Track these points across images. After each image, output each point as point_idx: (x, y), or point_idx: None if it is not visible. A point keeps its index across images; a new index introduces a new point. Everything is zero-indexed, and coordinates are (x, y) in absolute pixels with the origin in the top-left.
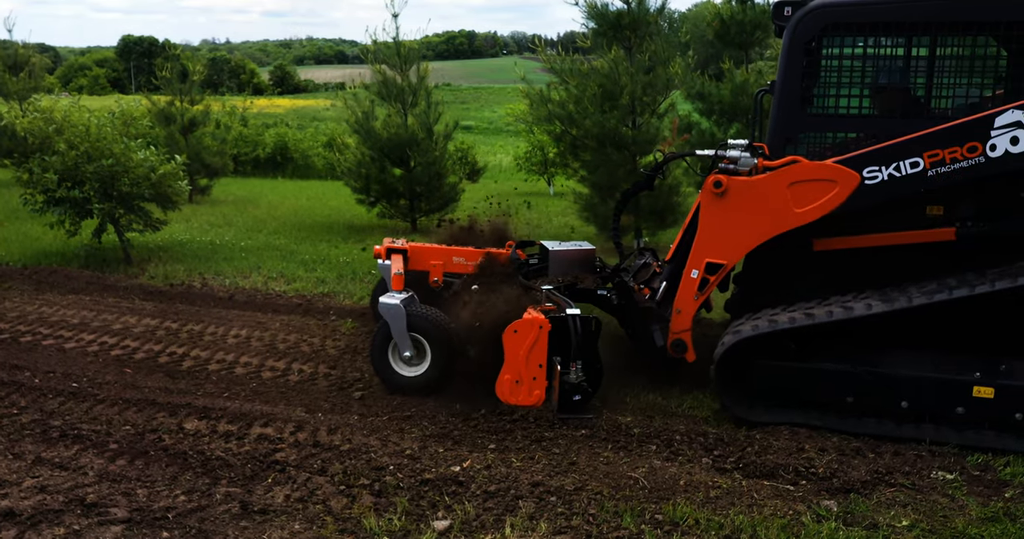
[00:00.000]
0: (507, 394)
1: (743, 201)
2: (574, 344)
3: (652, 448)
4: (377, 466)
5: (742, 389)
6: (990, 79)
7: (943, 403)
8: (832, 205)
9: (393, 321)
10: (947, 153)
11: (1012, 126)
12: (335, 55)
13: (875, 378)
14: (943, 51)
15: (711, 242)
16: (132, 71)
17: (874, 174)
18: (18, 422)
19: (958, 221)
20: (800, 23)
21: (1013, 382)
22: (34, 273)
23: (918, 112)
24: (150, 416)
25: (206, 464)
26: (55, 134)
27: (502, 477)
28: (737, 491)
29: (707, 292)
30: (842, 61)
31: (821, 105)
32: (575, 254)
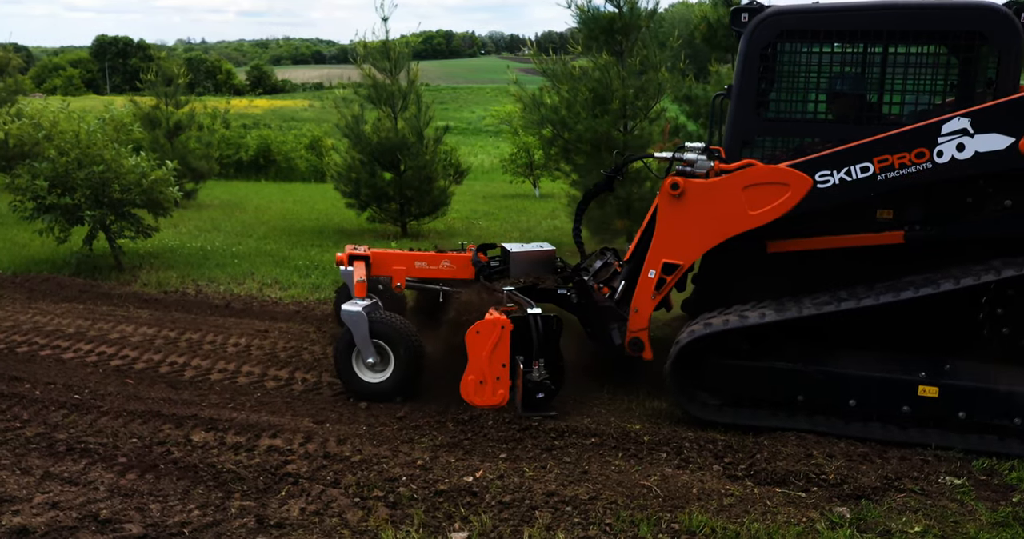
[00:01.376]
0: (471, 395)
1: (699, 203)
2: (536, 343)
3: (662, 456)
4: (390, 477)
5: (696, 387)
6: (942, 87)
7: (889, 402)
8: (785, 208)
9: (356, 328)
10: (896, 158)
11: (958, 133)
12: (312, 55)
13: (825, 377)
14: (895, 59)
15: (668, 243)
16: (107, 71)
17: (826, 178)
18: (22, 436)
19: (907, 225)
20: (756, 29)
21: (957, 382)
22: (25, 281)
23: (872, 118)
24: (156, 428)
25: (217, 477)
26: (44, 140)
27: (516, 487)
28: (750, 499)
29: (664, 292)
30: (796, 67)
31: (776, 110)
32: (535, 255)
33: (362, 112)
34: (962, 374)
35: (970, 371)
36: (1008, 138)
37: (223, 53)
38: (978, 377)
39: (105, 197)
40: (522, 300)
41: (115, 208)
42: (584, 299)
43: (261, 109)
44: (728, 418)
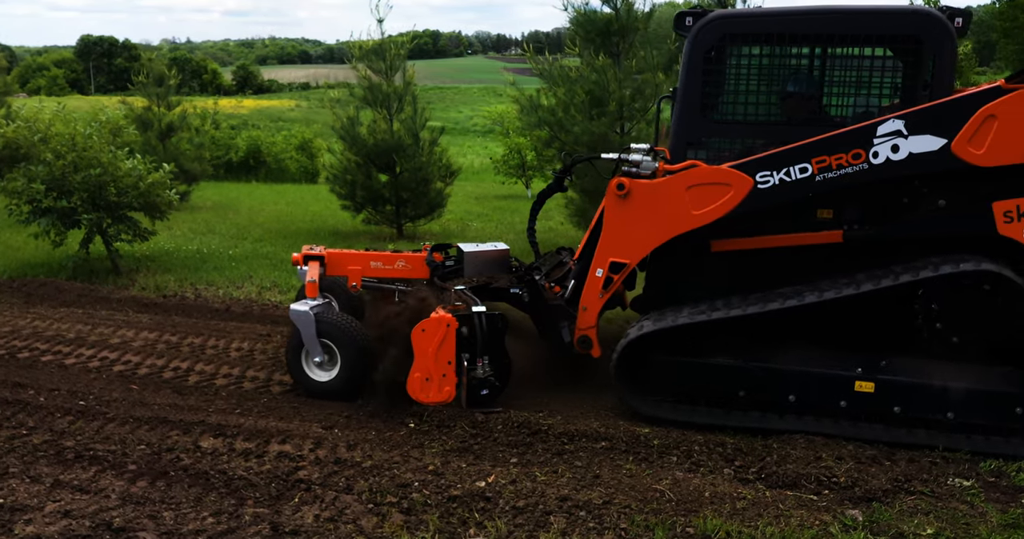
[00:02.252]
0: (418, 391)
1: (644, 203)
2: (480, 340)
3: (673, 459)
4: (402, 483)
5: (643, 384)
6: (888, 89)
7: (827, 397)
8: (727, 208)
9: (303, 327)
10: (833, 159)
11: (893, 135)
12: (298, 55)
13: (765, 373)
14: (841, 61)
15: (615, 242)
16: (91, 71)
17: (766, 178)
18: (29, 443)
19: (845, 224)
20: (700, 33)
21: (892, 377)
22: (22, 285)
23: (815, 120)
24: (164, 435)
25: (229, 484)
26: (40, 143)
27: (528, 492)
28: (762, 502)
29: (611, 290)
30: (739, 70)
31: (720, 112)
32: (489, 255)
33: (357, 114)
34: (897, 370)
35: (905, 367)
36: (941, 140)
37: (208, 53)
38: (913, 373)
39: (102, 200)
40: (468, 298)
41: (112, 211)
42: (535, 298)
43: (248, 109)
44: (675, 415)
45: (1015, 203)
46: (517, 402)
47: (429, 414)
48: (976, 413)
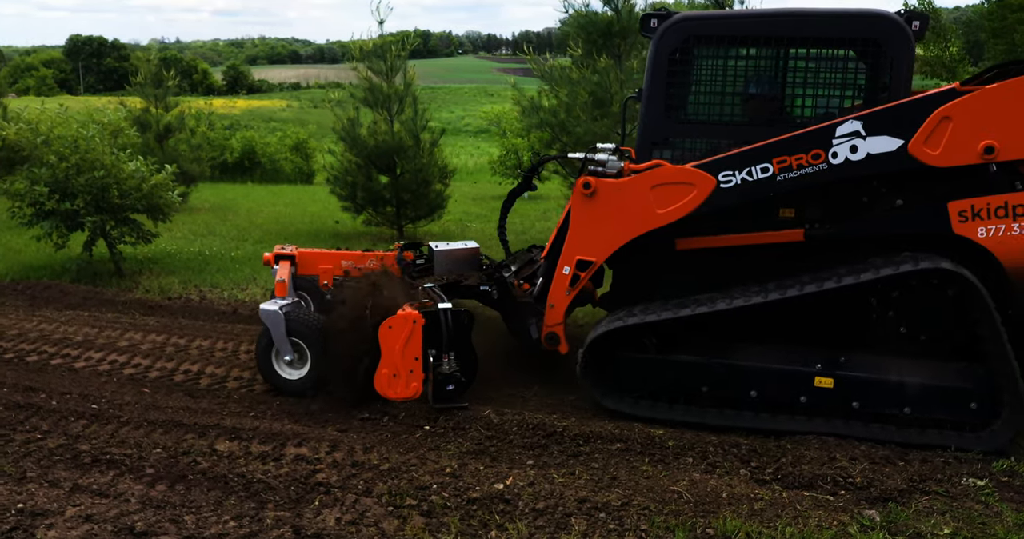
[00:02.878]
0: (385, 388)
1: (610, 202)
2: (445, 337)
3: (689, 460)
4: (420, 485)
5: (609, 381)
6: (849, 91)
7: (788, 393)
8: (690, 207)
9: (273, 327)
10: (794, 159)
11: (851, 135)
12: (288, 55)
13: (727, 370)
14: (798, 63)
15: (581, 240)
16: (81, 71)
17: (728, 178)
18: (45, 447)
19: (807, 223)
20: (664, 35)
21: (851, 373)
22: (27, 288)
23: (778, 121)
24: (179, 438)
25: (248, 487)
26: (43, 145)
27: (547, 494)
28: (780, 503)
29: (578, 288)
30: (703, 71)
31: (685, 112)
32: (459, 253)
33: (357, 115)
34: (856, 366)
35: (864, 363)
36: (898, 140)
37: (198, 53)
38: (871, 369)
39: (105, 203)
40: (435, 296)
41: (115, 213)
42: (503, 295)
43: (239, 109)
44: (639, 411)
45: (969, 203)
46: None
47: (443, 416)
48: (932, 408)
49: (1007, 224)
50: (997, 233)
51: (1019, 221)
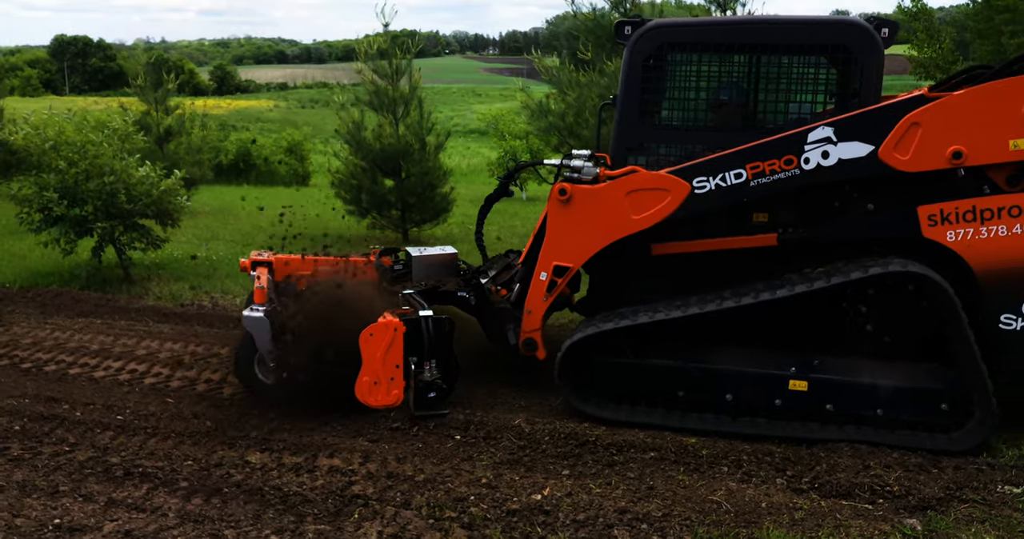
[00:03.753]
0: (366, 395)
1: (586, 208)
2: (426, 344)
3: (724, 469)
4: (458, 497)
5: (586, 386)
6: (820, 97)
7: (763, 396)
8: (665, 212)
9: (258, 333)
10: (767, 165)
11: (823, 141)
12: (275, 55)
13: (703, 374)
14: (776, 70)
15: (558, 246)
16: (66, 72)
17: (703, 184)
18: (75, 460)
19: (780, 228)
20: (638, 41)
21: (824, 376)
22: (37, 296)
23: (751, 126)
24: (209, 449)
25: (285, 500)
26: (51, 151)
27: (586, 504)
28: (819, 512)
29: (555, 294)
30: (677, 78)
31: (660, 118)
32: (438, 258)
33: (362, 118)
34: (829, 369)
35: (837, 366)
36: (868, 146)
37: (184, 52)
38: (844, 371)
39: (114, 208)
40: (416, 303)
41: (124, 219)
42: (481, 301)
43: (226, 110)
44: (618, 415)
45: (939, 207)
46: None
47: (475, 426)
48: (904, 410)
49: (975, 228)
50: (966, 237)
51: (987, 225)
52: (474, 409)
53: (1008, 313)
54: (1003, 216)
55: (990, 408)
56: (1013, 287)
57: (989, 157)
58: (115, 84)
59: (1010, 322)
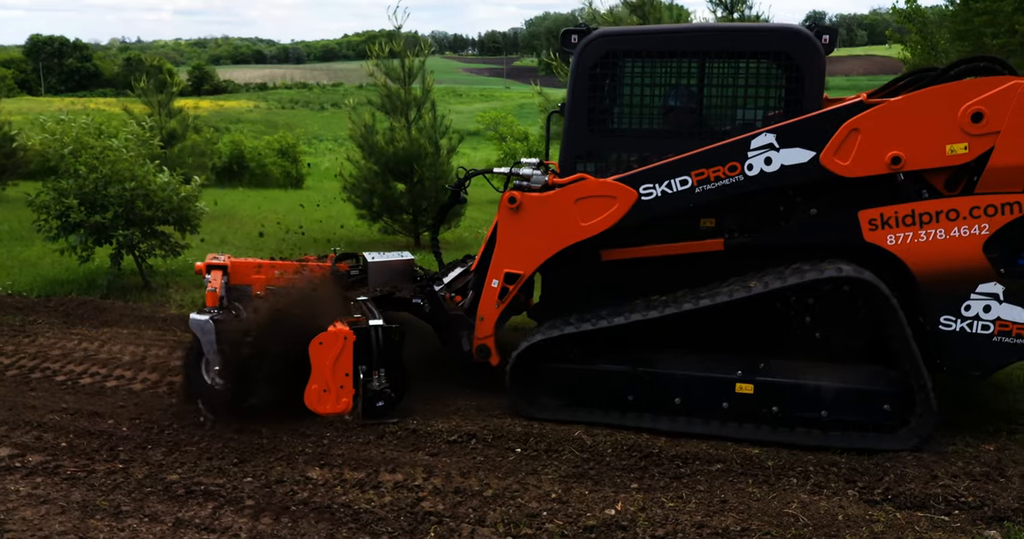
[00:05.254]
0: (315, 403)
1: (535, 215)
2: (375, 353)
3: (793, 481)
4: (530, 512)
5: (537, 391)
6: (762, 102)
7: (710, 399)
8: (613, 219)
9: (203, 336)
10: (711, 172)
11: (765, 148)
12: (252, 55)
13: (652, 378)
14: (714, 77)
15: (508, 253)
16: (42, 72)
17: (649, 191)
18: (132, 478)
19: (726, 233)
20: (584, 50)
21: (770, 379)
22: (60, 304)
23: (698, 132)
24: (267, 465)
25: (357, 518)
26: (70, 156)
27: (662, 519)
28: (897, 524)
29: (507, 300)
30: (623, 85)
31: (606, 126)
32: (394, 265)
33: (374, 121)
34: (775, 371)
35: (782, 368)
36: (810, 152)
37: (160, 53)
38: (789, 374)
39: (134, 215)
40: (367, 311)
41: (143, 226)
42: (435, 308)
43: (205, 111)
44: (571, 417)
45: (879, 211)
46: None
47: (535, 438)
48: (848, 411)
49: (914, 232)
50: (905, 241)
51: (925, 229)
52: (532, 424)
53: (947, 314)
54: (941, 220)
55: (930, 407)
56: (951, 289)
57: (926, 162)
58: (91, 85)
59: (949, 323)
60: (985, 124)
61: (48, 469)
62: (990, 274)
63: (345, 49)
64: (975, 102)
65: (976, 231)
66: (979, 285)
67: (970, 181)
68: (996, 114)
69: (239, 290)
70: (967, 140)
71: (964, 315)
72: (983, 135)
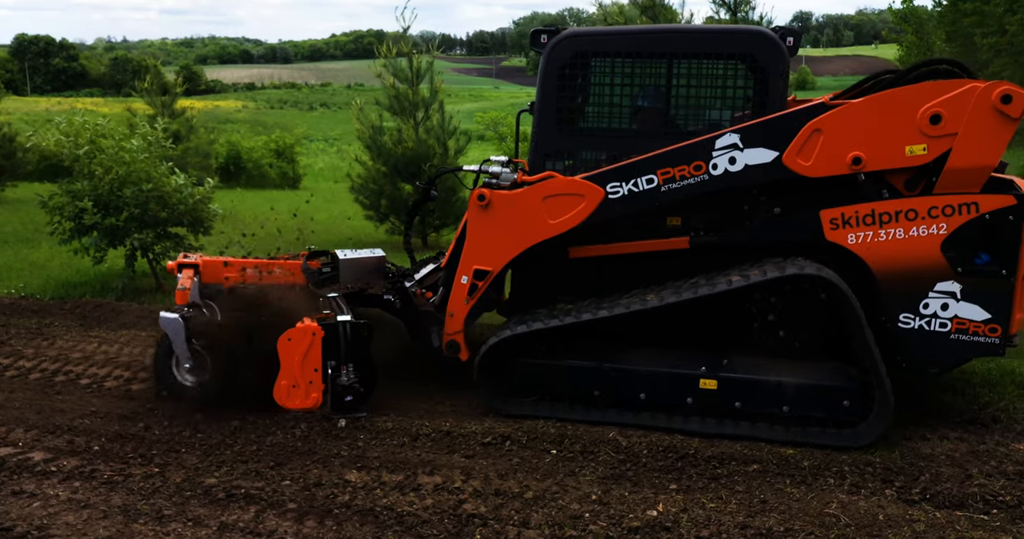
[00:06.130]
0: (284, 398)
1: (504, 213)
2: (343, 349)
3: (830, 481)
4: (573, 514)
5: (505, 386)
6: (728, 103)
7: (675, 394)
8: (581, 217)
9: (173, 334)
10: (677, 171)
11: (730, 148)
12: (240, 54)
13: (618, 373)
14: (680, 78)
15: (478, 250)
16: (27, 72)
17: (616, 189)
18: (170, 482)
19: (692, 231)
20: (554, 50)
21: (733, 375)
22: (76, 307)
23: (665, 132)
24: (303, 468)
25: (401, 521)
26: (84, 157)
27: (704, 520)
28: (938, 524)
29: (476, 296)
30: (591, 85)
31: (574, 124)
32: (365, 262)
33: (381, 122)
34: (738, 367)
35: (745, 364)
36: (773, 152)
37: (146, 52)
38: (751, 370)
39: (149, 217)
40: (337, 307)
41: (158, 227)
42: (406, 304)
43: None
44: (536, 411)
45: (840, 211)
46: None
47: (569, 440)
48: (808, 406)
49: (874, 231)
50: (865, 240)
51: (885, 228)
52: (565, 426)
53: (906, 312)
54: (900, 219)
55: (888, 403)
56: (910, 287)
57: (886, 163)
58: (78, 84)
59: (908, 321)
60: (943, 126)
61: (84, 473)
62: (948, 273)
63: (333, 49)
64: (934, 104)
65: (934, 231)
66: (937, 284)
67: (929, 182)
68: (954, 116)
69: (212, 288)
70: (926, 141)
71: (922, 313)
72: (941, 137)
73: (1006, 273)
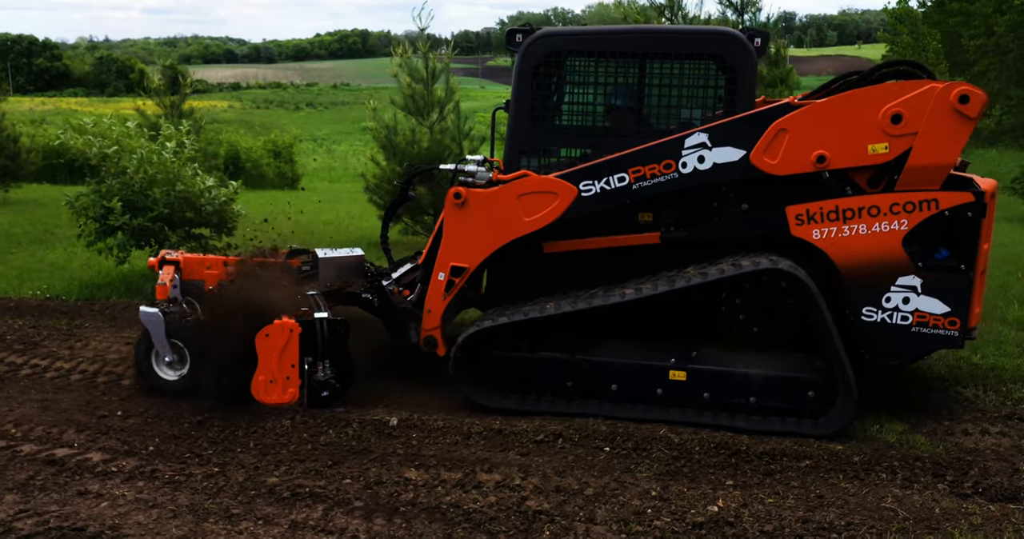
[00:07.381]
0: (262, 393)
1: (480, 211)
2: (320, 345)
3: (882, 476)
4: (636, 510)
5: (481, 378)
6: (711, 101)
7: (645, 385)
8: (555, 215)
9: (153, 328)
10: (647, 169)
11: (698, 146)
12: (223, 54)
13: (590, 365)
14: (652, 77)
15: (454, 247)
16: (10, 71)
17: (589, 187)
18: (233, 482)
19: (663, 227)
20: (528, 49)
21: (701, 366)
22: (105, 308)
23: (637, 131)
24: (361, 467)
25: (469, 518)
26: (114, 156)
27: (766, 515)
28: (994, 517)
29: (453, 293)
30: (566, 84)
31: (549, 123)
32: (344, 260)
33: (396, 123)
34: (706, 359)
35: (713, 356)
36: (740, 151)
37: (130, 52)
38: (719, 361)
39: (177, 217)
40: (315, 304)
41: (183, 227)
42: (383, 302)
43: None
44: (510, 404)
45: (805, 207)
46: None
47: (621, 437)
48: (775, 397)
49: (838, 227)
50: (830, 235)
51: (849, 224)
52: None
53: (869, 306)
54: (863, 215)
55: (851, 395)
56: (873, 282)
57: (849, 161)
58: (61, 84)
59: (871, 314)
60: (904, 125)
61: (145, 474)
62: (909, 267)
63: (317, 49)
64: (895, 104)
65: (896, 226)
66: (899, 278)
67: (891, 179)
68: (914, 116)
69: (192, 284)
70: (887, 140)
71: (885, 306)
72: (902, 136)
73: (965, 268)
